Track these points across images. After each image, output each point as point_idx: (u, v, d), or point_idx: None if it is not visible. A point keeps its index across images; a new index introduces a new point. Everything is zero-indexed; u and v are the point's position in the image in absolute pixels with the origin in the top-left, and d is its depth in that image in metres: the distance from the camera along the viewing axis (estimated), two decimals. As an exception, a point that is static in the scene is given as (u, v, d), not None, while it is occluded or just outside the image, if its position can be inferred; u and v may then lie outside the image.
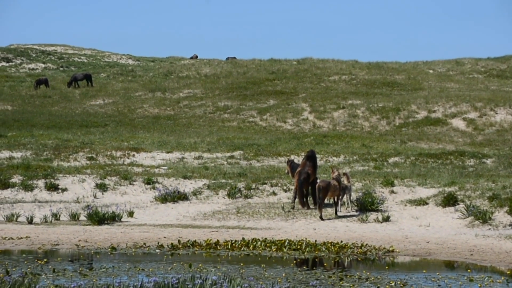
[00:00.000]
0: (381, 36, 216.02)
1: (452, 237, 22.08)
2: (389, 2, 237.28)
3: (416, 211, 25.73)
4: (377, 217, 24.90)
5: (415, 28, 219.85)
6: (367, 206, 25.75)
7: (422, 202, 26.29)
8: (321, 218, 24.79)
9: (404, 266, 18.95)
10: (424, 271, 17.51)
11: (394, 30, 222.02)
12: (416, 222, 24.71)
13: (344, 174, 26.28)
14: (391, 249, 20.19)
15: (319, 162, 31.55)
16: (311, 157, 26.41)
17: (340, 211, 25.79)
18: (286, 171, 28.12)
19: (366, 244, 20.66)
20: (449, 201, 25.73)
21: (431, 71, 68.16)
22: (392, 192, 27.77)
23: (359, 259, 19.31)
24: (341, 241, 21.02)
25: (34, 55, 78.45)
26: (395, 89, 57.35)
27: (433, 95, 52.91)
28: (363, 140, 41.35)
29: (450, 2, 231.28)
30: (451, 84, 60.09)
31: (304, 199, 26.11)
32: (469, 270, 17.71)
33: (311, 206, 26.18)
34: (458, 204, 25.55)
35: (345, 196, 25.93)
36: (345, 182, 25.77)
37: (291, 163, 27.18)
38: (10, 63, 74.77)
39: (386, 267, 18.26)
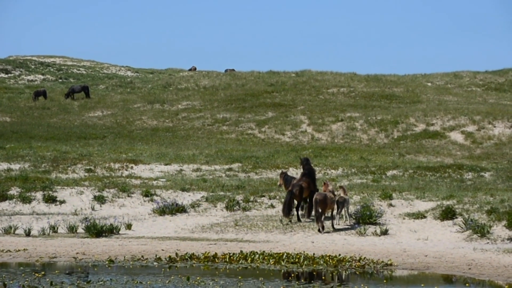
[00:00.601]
0: (380, 48, 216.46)
1: (450, 251, 22.06)
2: (387, 15, 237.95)
3: (414, 225, 25.71)
4: (375, 231, 24.89)
5: (413, 41, 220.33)
6: (365, 219, 25.74)
7: (420, 215, 26.27)
8: (319, 231, 24.77)
9: (402, 280, 18.93)
10: (422, 285, 17.48)
11: (392, 43, 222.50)
12: (414, 235, 24.70)
13: (341, 187, 26.28)
14: (389, 262, 20.17)
15: (318, 175, 31.53)
16: (308, 174, 26.37)
17: (338, 224, 25.77)
18: (278, 183, 28.01)
19: (364, 258, 20.64)
20: (447, 214, 25.72)
21: (429, 84, 68.27)
22: (391, 205, 27.76)
23: (357, 272, 19.29)
24: (339, 255, 21.00)
25: (33, 66, 78.53)
26: (393, 102, 57.43)
27: (431, 108, 52.98)
28: (362, 153, 41.37)
29: (448, 16, 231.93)
30: (449, 97, 60.19)
31: (287, 209, 25.76)
32: (467, 284, 17.69)
33: (302, 219, 26.15)
34: (456, 217, 25.54)
35: (343, 209, 25.92)
36: (342, 195, 25.74)
37: (284, 175, 27.16)
38: (9, 75, 74.83)
39: (384, 281, 18.24)
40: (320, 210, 24.64)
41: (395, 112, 51.80)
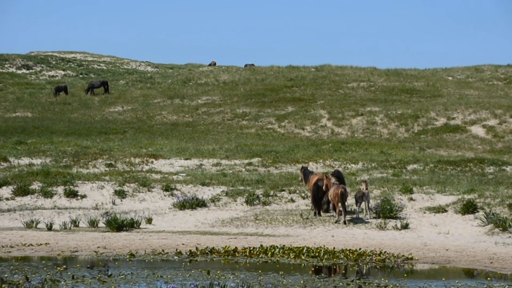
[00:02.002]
0: (400, 43, 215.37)
1: (471, 245, 21.94)
2: (408, 9, 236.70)
3: (435, 219, 25.60)
4: (396, 225, 24.81)
5: (434, 35, 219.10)
6: (385, 213, 25.67)
7: (441, 209, 26.15)
8: (345, 222, 24.86)
9: (423, 274, 18.85)
10: (443, 279, 17.41)
11: (413, 36, 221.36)
12: (435, 229, 24.59)
13: (363, 181, 26.25)
14: (409, 256, 20.09)
15: (338, 169, 31.40)
16: (337, 176, 26.28)
17: (358, 218, 25.74)
18: (299, 178, 28.10)
19: (385, 252, 20.58)
20: (469, 208, 25.58)
21: (450, 78, 67.86)
22: (411, 199, 27.65)
23: (377, 266, 19.24)
24: (360, 249, 20.95)
25: (54, 62, 78.97)
26: (414, 96, 57.15)
27: (452, 102, 52.67)
28: (382, 147, 41.22)
29: (469, 9, 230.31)
30: (471, 91, 59.80)
31: (319, 204, 25.90)
32: (489, 278, 17.59)
33: (322, 213, 26.12)
34: (478, 211, 25.40)
35: (363, 203, 25.89)
36: (363, 189, 25.72)
37: (304, 170, 27.14)
38: (30, 71, 75.33)
39: (405, 275, 18.18)
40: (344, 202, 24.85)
41: (416, 106, 51.55)
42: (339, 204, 24.94)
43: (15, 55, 79.27)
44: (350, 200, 27.72)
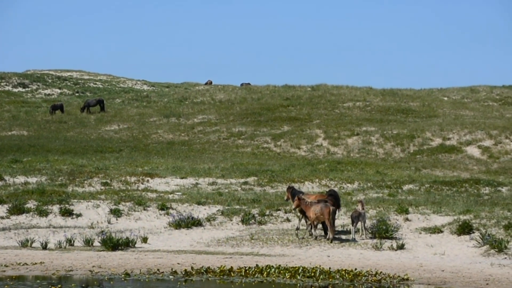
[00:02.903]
0: (396, 63, 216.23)
1: (467, 266, 21.92)
2: (403, 28, 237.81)
3: (431, 239, 25.58)
4: (392, 245, 24.78)
5: (429, 55, 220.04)
6: (381, 233, 25.65)
7: (437, 230, 26.14)
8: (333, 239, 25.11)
9: (419, 295, 18.80)
10: (439, 300, 17.37)
11: (408, 57, 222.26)
12: (431, 250, 24.57)
13: (359, 201, 26.26)
14: (405, 277, 20.06)
15: (334, 189, 31.41)
16: (333, 196, 26.40)
17: (354, 238, 25.72)
18: (285, 197, 27.77)
19: (381, 272, 20.54)
20: (464, 229, 25.57)
21: (445, 98, 68.08)
22: (407, 219, 27.64)
23: (373, 287, 19.19)
24: (355, 269, 20.92)
25: (50, 80, 79.06)
26: (409, 116, 57.30)
27: (447, 122, 52.80)
28: (378, 167, 41.26)
29: (465, 30, 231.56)
30: (466, 112, 59.98)
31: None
32: (484, 300, 17.55)
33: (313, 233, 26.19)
34: (473, 232, 25.39)
35: (359, 223, 25.86)
36: (359, 209, 25.73)
37: (292, 190, 26.97)
38: (26, 89, 75.37)
39: (401, 296, 18.13)
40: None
41: (411, 126, 51.67)
42: (330, 222, 24.96)
43: (11, 74, 79.36)
44: (346, 220, 27.69)
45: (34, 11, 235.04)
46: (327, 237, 25.52)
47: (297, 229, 26.11)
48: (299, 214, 26.37)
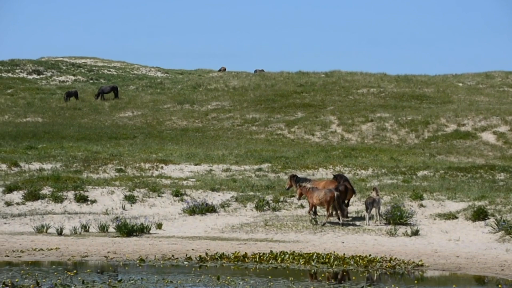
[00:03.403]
0: (410, 48, 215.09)
1: (482, 252, 21.86)
2: (417, 14, 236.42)
3: (446, 225, 25.53)
4: (406, 231, 24.75)
5: (444, 41, 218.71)
6: (396, 219, 25.62)
7: (451, 216, 26.08)
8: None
9: (434, 281, 18.79)
10: (454, 286, 17.35)
11: (422, 42, 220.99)
12: (446, 236, 24.52)
13: (374, 188, 26.23)
14: (420, 263, 20.04)
15: (348, 175, 31.46)
16: (342, 178, 26.49)
17: (368, 224, 25.72)
18: (286, 186, 27.45)
19: (395, 258, 20.53)
20: (479, 215, 25.49)
21: (460, 84, 67.71)
22: (421, 205, 27.59)
23: (388, 273, 19.19)
24: (370, 255, 20.91)
25: (64, 67, 79.25)
26: (424, 102, 57.05)
27: (462, 108, 52.54)
28: (392, 153, 41.15)
29: (480, 15, 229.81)
30: (481, 98, 59.63)
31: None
32: (499, 286, 17.51)
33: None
34: (488, 218, 25.32)
35: (373, 209, 25.85)
36: (373, 195, 25.71)
37: (295, 178, 26.84)
38: (41, 76, 75.61)
39: (415, 282, 18.12)
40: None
41: (426, 112, 51.46)
42: (330, 207, 25.17)
43: (26, 61, 79.62)
44: (360, 206, 27.68)
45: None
46: (325, 221, 25.60)
47: (312, 219, 26.10)
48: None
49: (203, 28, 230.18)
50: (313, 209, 26.07)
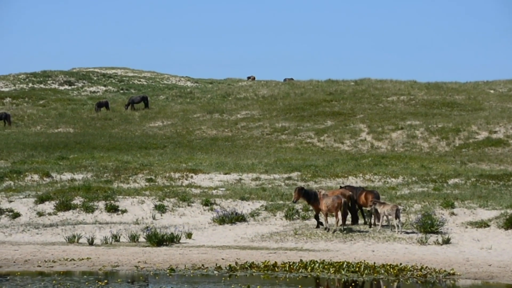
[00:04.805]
0: (440, 56, 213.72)
1: (515, 261, 21.59)
2: (448, 22, 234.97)
3: (477, 234, 25.27)
4: (437, 239, 24.54)
5: (475, 48, 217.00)
6: (426, 228, 25.43)
7: (483, 224, 25.81)
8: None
9: (465, 290, 18.60)
10: (486, 295, 17.16)
11: (453, 50, 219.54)
12: (478, 244, 24.27)
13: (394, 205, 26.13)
14: (451, 272, 19.85)
15: (377, 184, 31.34)
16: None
17: (398, 232, 25.58)
18: (293, 199, 26.80)
19: (426, 267, 20.36)
20: (512, 223, 25.20)
21: (492, 91, 67.08)
22: (452, 214, 27.35)
23: (419, 282, 19.04)
24: (400, 264, 20.77)
25: (95, 78, 79.98)
26: (454, 110, 56.61)
27: (494, 115, 52.03)
28: (422, 161, 40.87)
29: (510, 21, 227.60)
30: (513, 104, 58.98)
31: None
32: (533, 295, 17.29)
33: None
34: (521, 226, 25.01)
35: (401, 217, 25.70)
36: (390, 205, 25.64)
37: (303, 192, 26.32)
38: (72, 86, 76.37)
39: (447, 291, 17.95)
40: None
41: (457, 120, 51.05)
42: (339, 213, 25.37)
43: (58, 72, 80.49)
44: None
45: (80, 10, 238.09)
46: (336, 228, 25.74)
47: (326, 228, 26.16)
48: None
49: (232, 37, 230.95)
50: (324, 216, 26.18)
